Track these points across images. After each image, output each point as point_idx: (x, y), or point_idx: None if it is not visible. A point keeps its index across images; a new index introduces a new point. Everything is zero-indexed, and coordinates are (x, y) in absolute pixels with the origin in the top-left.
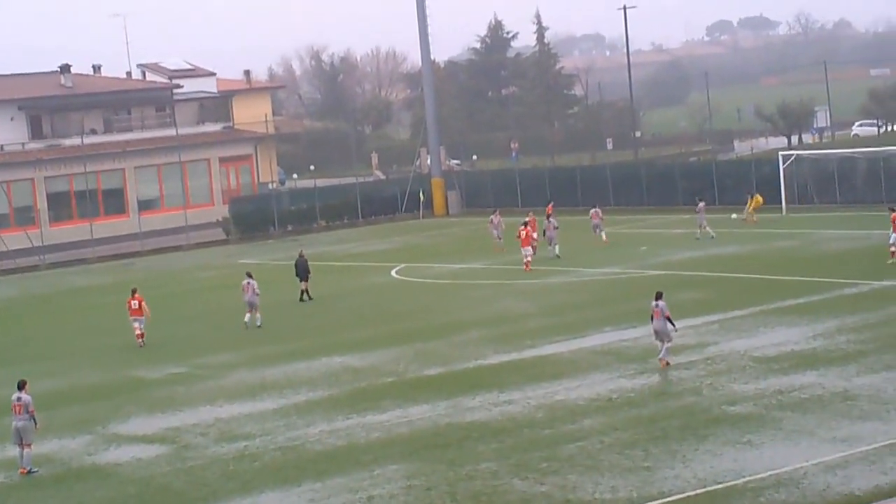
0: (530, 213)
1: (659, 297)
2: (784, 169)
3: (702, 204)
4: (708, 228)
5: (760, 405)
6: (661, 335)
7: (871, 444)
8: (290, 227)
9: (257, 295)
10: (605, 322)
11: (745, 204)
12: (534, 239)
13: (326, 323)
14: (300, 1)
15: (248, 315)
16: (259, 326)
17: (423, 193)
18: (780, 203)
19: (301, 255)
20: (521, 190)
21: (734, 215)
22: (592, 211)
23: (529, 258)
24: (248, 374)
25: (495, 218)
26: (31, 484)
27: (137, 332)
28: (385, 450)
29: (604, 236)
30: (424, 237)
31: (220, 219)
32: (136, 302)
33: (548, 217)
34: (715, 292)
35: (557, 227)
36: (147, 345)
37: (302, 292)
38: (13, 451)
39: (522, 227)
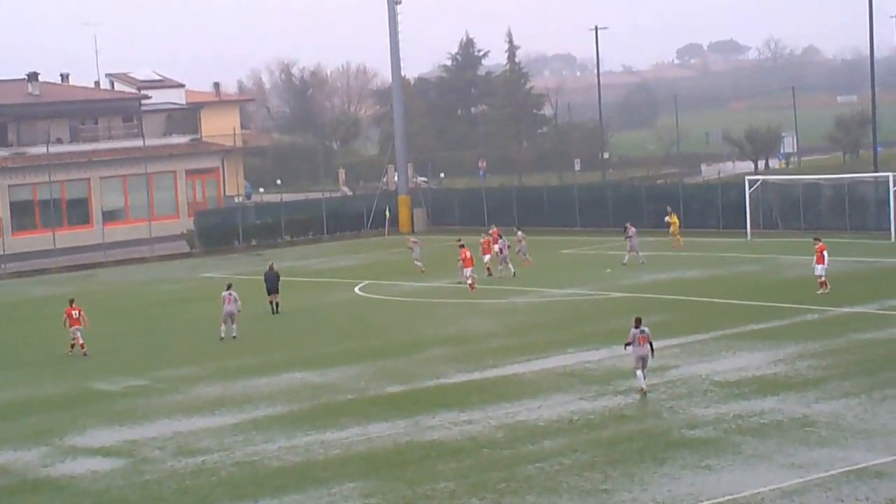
0: (483, 235)
1: (639, 322)
2: (750, 194)
3: (633, 229)
4: (636, 253)
5: (720, 430)
6: (645, 362)
7: (828, 470)
8: (254, 242)
9: (238, 305)
10: (568, 343)
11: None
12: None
13: (288, 338)
14: (271, 14)
15: (223, 327)
16: (234, 337)
17: (390, 210)
18: (746, 228)
19: (271, 268)
20: (488, 209)
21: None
22: (520, 233)
23: (472, 280)
24: (208, 388)
25: (412, 243)
26: None
27: (80, 341)
28: (343, 467)
29: (528, 258)
30: (389, 254)
31: (185, 231)
32: (77, 312)
33: (499, 236)
34: (678, 316)
35: (510, 247)
36: (107, 356)
37: (270, 304)
38: None
39: (462, 247)
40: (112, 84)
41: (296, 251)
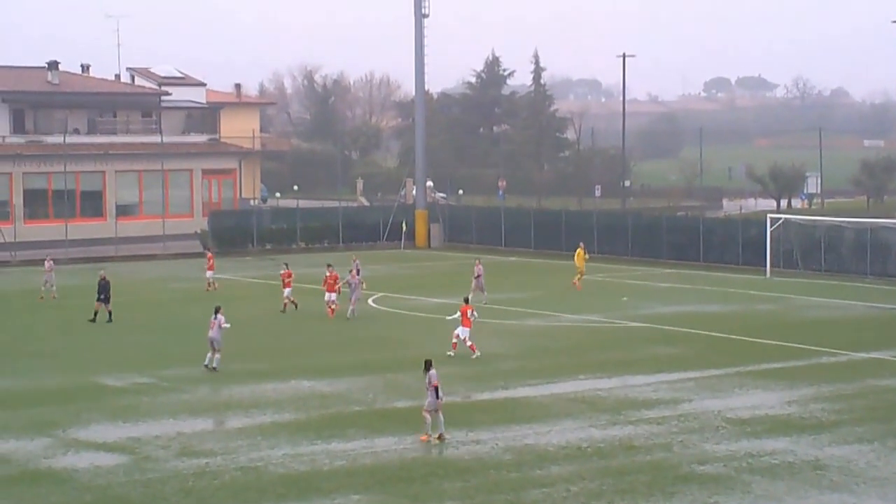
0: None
1: (429, 366)
2: (771, 232)
3: (480, 268)
4: (481, 291)
5: (731, 467)
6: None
7: None
8: (268, 246)
9: (221, 331)
10: (580, 369)
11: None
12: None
13: (298, 346)
14: (296, 19)
15: (209, 355)
16: (214, 368)
17: (406, 224)
18: (765, 265)
19: (103, 278)
20: (506, 229)
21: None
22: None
23: (335, 304)
24: (215, 390)
25: (48, 268)
26: None
27: None
28: (348, 479)
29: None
30: (404, 268)
31: (199, 231)
32: None
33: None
34: (693, 349)
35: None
36: (113, 352)
37: (95, 313)
38: None
39: (329, 272)
40: (132, 78)
41: (310, 258)
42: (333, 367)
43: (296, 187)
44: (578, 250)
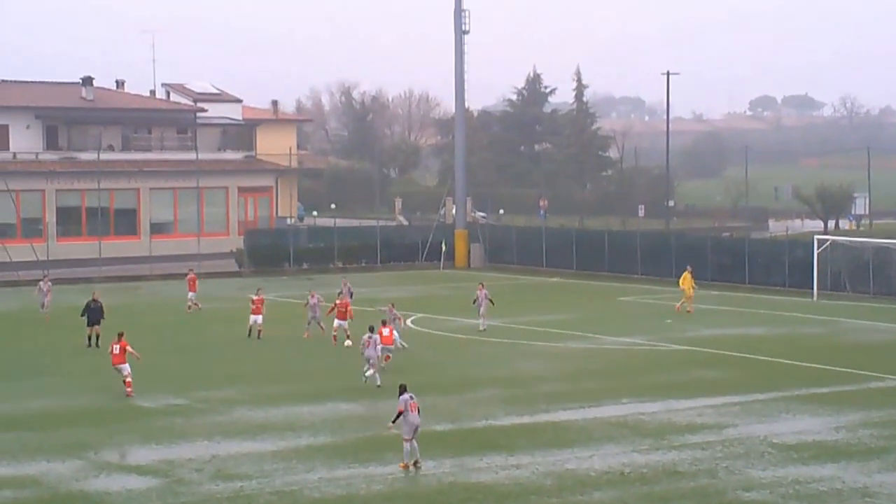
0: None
1: (403, 390)
2: (818, 253)
3: (484, 291)
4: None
5: (777, 494)
6: (417, 431)
7: None
8: (305, 265)
9: (377, 351)
10: (622, 393)
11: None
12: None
13: (335, 367)
14: (334, 35)
15: (370, 370)
16: (378, 386)
17: (446, 244)
18: (812, 288)
19: (94, 299)
20: (547, 249)
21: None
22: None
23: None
24: (250, 412)
25: (46, 285)
26: None
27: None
28: None
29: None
30: (444, 288)
31: (235, 250)
32: (119, 347)
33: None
34: (738, 373)
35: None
36: (146, 373)
37: (89, 337)
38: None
39: (339, 299)
40: (168, 94)
41: (348, 278)
42: (371, 389)
43: (333, 206)
44: (685, 274)
